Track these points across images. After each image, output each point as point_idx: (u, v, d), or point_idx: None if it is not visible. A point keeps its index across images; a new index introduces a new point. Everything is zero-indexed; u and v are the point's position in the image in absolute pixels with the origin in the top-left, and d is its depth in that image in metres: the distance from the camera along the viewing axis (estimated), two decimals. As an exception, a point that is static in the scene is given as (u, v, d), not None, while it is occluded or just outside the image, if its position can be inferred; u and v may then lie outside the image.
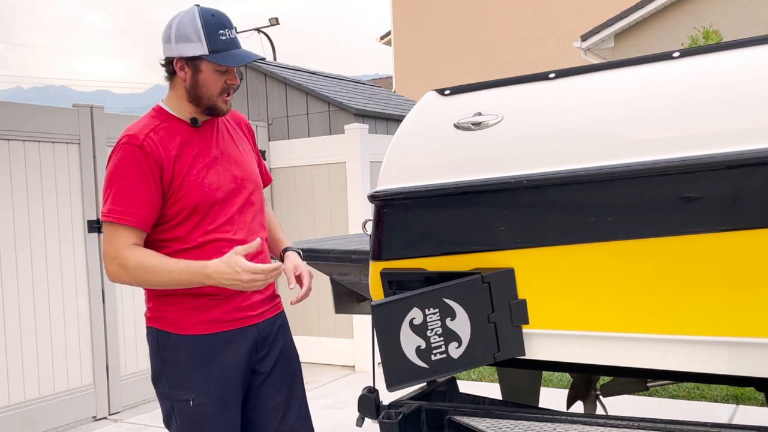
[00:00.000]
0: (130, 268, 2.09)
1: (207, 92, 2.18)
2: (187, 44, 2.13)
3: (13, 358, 4.45)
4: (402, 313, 2.05)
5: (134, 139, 2.13)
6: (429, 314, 2.05)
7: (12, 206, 4.49)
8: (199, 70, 2.16)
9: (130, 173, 2.10)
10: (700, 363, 1.91)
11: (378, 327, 2.07)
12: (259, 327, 2.30)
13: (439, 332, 2.05)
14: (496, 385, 3.11)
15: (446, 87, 2.18)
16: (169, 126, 2.19)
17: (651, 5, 11.17)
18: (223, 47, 2.13)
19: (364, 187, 5.94)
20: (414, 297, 2.07)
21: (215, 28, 2.13)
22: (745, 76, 1.81)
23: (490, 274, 2.05)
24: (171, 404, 2.23)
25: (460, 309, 2.04)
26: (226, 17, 2.17)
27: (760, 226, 1.75)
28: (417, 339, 2.05)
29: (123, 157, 2.12)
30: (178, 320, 2.21)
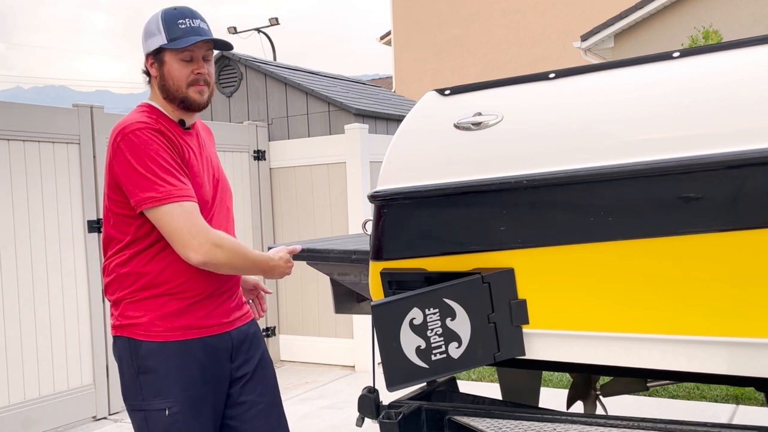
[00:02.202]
0: (227, 247, 2.10)
1: (174, 84, 2.18)
2: (151, 38, 2.17)
3: (13, 358, 4.45)
4: (402, 313, 2.05)
5: (148, 125, 2.10)
6: (429, 314, 2.05)
7: (12, 206, 4.49)
8: (163, 62, 2.17)
9: (164, 152, 2.08)
10: (700, 363, 1.91)
11: (378, 327, 2.07)
12: (233, 335, 2.27)
13: (439, 332, 2.05)
14: (496, 385, 3.11)
15: (446, 87, 2.18)
16: (164, 123, 2.18)
17: (651, 5, 11.17)
18: (180, 35, 2.14)
19: (364, 187, 5.94)
20: (414, 297, 2.07)
21: (174, 18, 2.15)
22: (745, 76, 1.81)
23: (490, 274, 2.05)
24: (144, 416, 2.16)
25: (460, 309, 2.04)
26: (189, 9, 2.19)
27: (760, 226, 1.75)
28: (417, 339, 2.05)
29: (147, 139, 2.06)
30: (149, 327, 2.14)
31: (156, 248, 2.13)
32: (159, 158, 2.06)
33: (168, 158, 2.08)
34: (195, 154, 2.23)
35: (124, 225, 2.14)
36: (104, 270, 2.23)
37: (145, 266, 2.14)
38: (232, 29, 22.75)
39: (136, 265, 2.15)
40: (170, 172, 2.06)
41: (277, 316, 6.49)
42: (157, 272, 2.14)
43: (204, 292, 2.19)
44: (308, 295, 6.27)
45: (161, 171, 2.05)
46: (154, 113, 2.19)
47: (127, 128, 2.09)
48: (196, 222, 2.05)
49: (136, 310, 2.15)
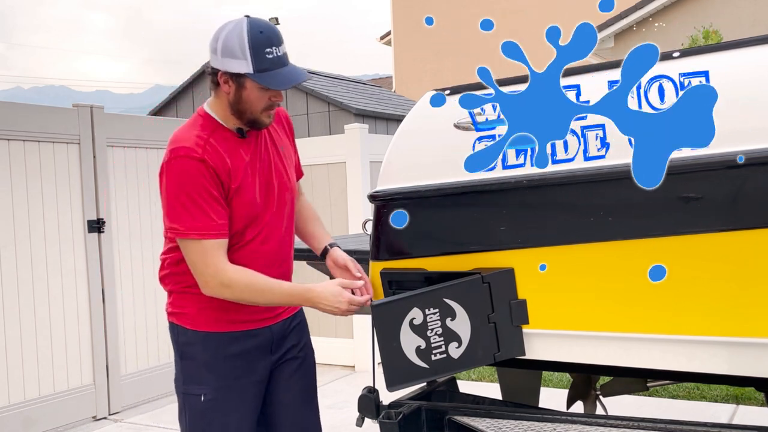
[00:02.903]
0: (236, 288, 2.09)
1: (250, 108, 2.13)
2: (233, 60, 2.06)
3: (13, 358, 4.45)
4: (402, 313, 2.05)
5: (193, 152, 2.07)
6: (429, 314, 2.04)
7: (12, 206, 4.49)
8: (243, 87, 2.09)
9: (199, 186, 2.06)
10: (700, 363, 1.91)
11: (378, 327, 2.07)
12: (274, 329, 2.31)
13: (439, 332, 2.05)
14: (496, 385, 3.11)
15: (446, 87, 2.18)
16: (218, 137, 2.15)
17: (651, 5, 11.17)
18: (268, 66, 2.05)
19: (364, 187, 5.94)
20: (414, 297, 2.06)
21: (262, 46, 2.04)
22: (745, 75, 1.81)
23: (491, 274, 2.05)
24: (183, 399, 2.26)
25: (460, 309, 2.04)
26: (275, 33, 2.09)
27: (760, 226, 1.76)
28: (417, 339, 2.04)
29: (187, 170, 2.06)
30: (195, 317, 2.23)
31: None
32: (193, 191, 2.06)
33: (203, 191, 2.07)
34: (249, 164, 2.18)
35: None
36: (161, 263, 2.31)
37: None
38: (232, 29, 22.73)
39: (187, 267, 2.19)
40: (201, 208, 2.06)
41: (277, 316, 6.49)
42: None
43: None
44: (308, 295, 6.26)
45: (191, 205, 2.06)
46: (208, 128, 2.15)
47: (174, 152, 2.10)
48: (209, 261, 2.08)
49: (185, 301, 2.24)
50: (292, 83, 2.12)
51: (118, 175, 5.09)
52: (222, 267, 2.08)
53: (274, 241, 2.25)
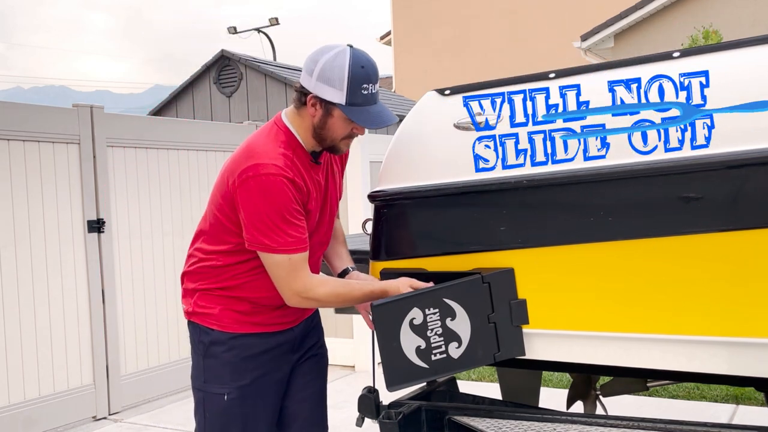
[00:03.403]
0: (322, 300, 2.16)
1: (332, 135, 2.14)
2: (328, 88, 2.06)
3: (13, 358, 4.45)
4: (402, 313, 2.04)
5: (283, 171, 2.07)
6: (429, 314, 2.04)
7: (12, 206, 4.49)
8: (331, 115, 2.10)
9: (290, 204, 2.08)
10: (700, 363, 1.91)
11: (378, 327, 2.07)
12: (296, 330, 2.34)
13: (439, 332, 2.04)
14: (496, 385, 3.11)
15: (446, 87, 2.19)
16: (297, 157, 2.15)
17: (651, 5, 11.17)
18: (361, 102, 2.07)
19: (364, 187, 5.94)
20: (414, 297, 2.06)
21: (360, 82, 2.05)
22: (745, 75, 1.81)
23: (491, 274, 2.04)
24: (203, 396, 2.28)
25: (460, 309, 2.04)
26: (374, 70, 2.10)
27: (760, 226, 1.76)
28: (417, 339, 2.04)
29: (279, 189, 2.06)
30: (220, 317, 2.24)
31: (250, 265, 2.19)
32: (285, 210, 2.07)
33: (292, 209, 2.08)
34: (316, 189, 2.20)
35: (228, 235, 2.19)
36: (190, 259, 2.32)
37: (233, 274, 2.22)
38: (232, 29, 22.75)
39: (224, 270, 2.22)
40: (291, 224, 2.08)
41: (277, 316, 6.49)
42: (242, 282, 2.22)
43: (282, 305, 2.24)
44: (308, 295, 6.26)
45: (282, 223, 2.07)
46: (290, 146, 2.15)
47: (262, 168, 2.07)
48: (297, 275, 2.11)
49: (210, 302, 2.26)
50: (379, 125, 2.12)
51: (118, 175, 5.09)
52: (309, 281, 2.12)
53: (310, 262, 2.23)
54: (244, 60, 7.57)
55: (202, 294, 2.28)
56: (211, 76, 12.98)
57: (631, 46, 11.23)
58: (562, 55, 13.27)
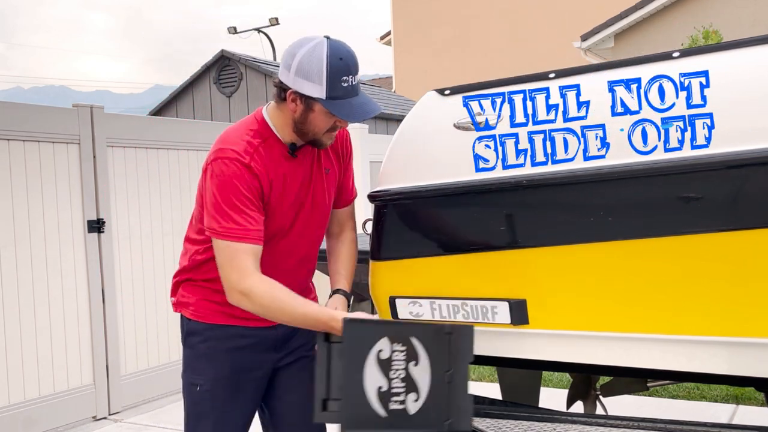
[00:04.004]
0: (255, 300, 2.03)
1: (313, 129, 2.09)
2: (307, 82, 2.01)
3: (13, 358, 4.45)
4: (372, 340, 1.87)
5: (242, 156, 2.05)
6: (396, 350, 1.89)
7: (12, 206, 4.49)
8: (311, 109, 2.05)
9: (241, 188, 2.04)
10: (700, 363, 1.91)
11: (348, 346, 1.87)
12: (279, 329, 2.26)
13: (402, 376, 1.88)
14: (496, 385, 3.11)
15: (446, 87, 2.19)
16: (269, 146, 2.12)
17: (651, 5, 11.17)
18: (341, 95, 2.01)
19: (364, 187, 5.93)
20: (386, 325, 1.98)
21: (339, 75, 1.99)
22: (745, 75, 1.81)
23: (456, 326, 1.96)
24: (183, 385, 2.29)
25: (424, 355, 1.91)
26: (353, 60, 2.04)
27: (760, 226, 1.76)
28: (380, 378, 1.86)
29: (231, 173, 2.05)
30: (199, 308, 2.23)
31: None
32: (233, 194, 2.04)
33: (243, 197, 2.04)
34: (290, 181, 2.15)
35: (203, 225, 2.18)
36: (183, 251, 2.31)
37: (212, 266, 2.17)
38: (232, 29, 22.75)
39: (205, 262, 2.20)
40: (239, 210, 2.04)
41: (277, 316, 6.49)
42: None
43: None
44: (308, 295, 6.27)
45: (229, 207, 2.04)
46: (260, 136, 2.12)
47: (220, 152, 2.08)
48: (236, 264, 2.03)
49: (191, 292, 2.25)
50: (362, 117, 2.07)
51: (118, 175, 5.09)
52: (247, 273, 2.02)
53: (292, 259, 2.22)
54: (244, 60, 7.59)
55: (185, 284, 2.27)
56: (211, 76, 12.98)
57: (631, 46, 11.23)
58: (562, 55, 13.27)
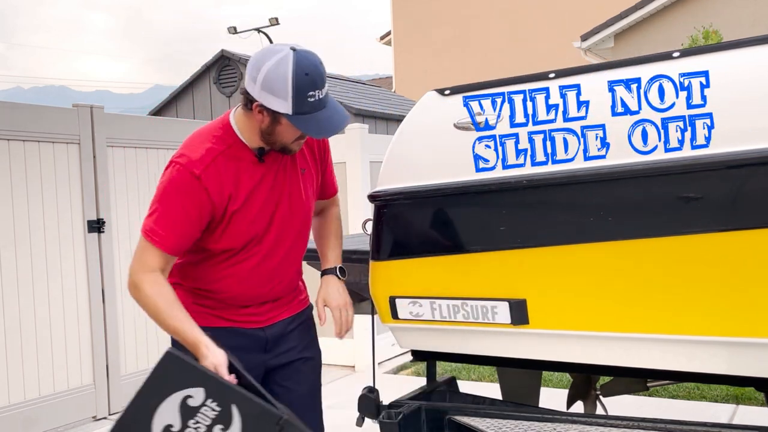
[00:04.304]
0: (141, 295, 2.09)
1: (281, 139, 2.07)
2: (273, 97, 1.97)
3: (13, 358, 4.45)
4: (185, 382, 1.83)
5: (194, 166, 2.04)
6: (207, 406, 1.82)
7: (12, 206, 4.49)
8: (278, 122, 2.02)
9: (181, 199, 2.04)
10: (700, 363, 1.91)
11: (155, 374, 1.84)
12: (267, 331, 2.26)
13: (201, 430, 1.81)
14: (496, 385, 3.11)
15: (446, 87, 2.18)
16: (232, 153, 2.10)
17: (651, 5, 11.17)
18: (308, 110, 1.97)
19: (364, 187, 5.93)
20: (211, 378, 1.86)
21: (305, 90, 1.96)
22: (745, 75, 1.81)
23: (291, 422, 1.87)
24: None
25: (238, 426, 1.83)
26: (320, 74, 1.99)
27: (760, 226, 1.76)
28: (176, 418, 1.81)
29: (178, 180, 2.05)
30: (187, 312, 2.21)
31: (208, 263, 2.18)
32: (172, 203, 2.05)
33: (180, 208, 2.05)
34: (258, 187, 2.14)
35: None
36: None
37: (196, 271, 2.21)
38: (232, 29, 22.74)
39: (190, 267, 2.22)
40: (171, 219, 2.05)
41: (277, 316, 6.49)
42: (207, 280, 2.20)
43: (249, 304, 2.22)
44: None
45: (163, 213, 2.06)
46: (224, 143, 2.10)
47: (178, 157, 2.08)
48: (141, 258, 2.09)
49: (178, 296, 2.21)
50: (330, 133, 2.05)
51: (118, 175, 5.08)
52: (146, 269, 2.07)
53: (272, 262, 2.21)
54: (244, 60, 7.58)
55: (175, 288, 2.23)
56: (211, 76, 12.98)
57: (631, 46, 11.22)
58: (562, 55, 13.27)
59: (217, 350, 1.97)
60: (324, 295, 2.32)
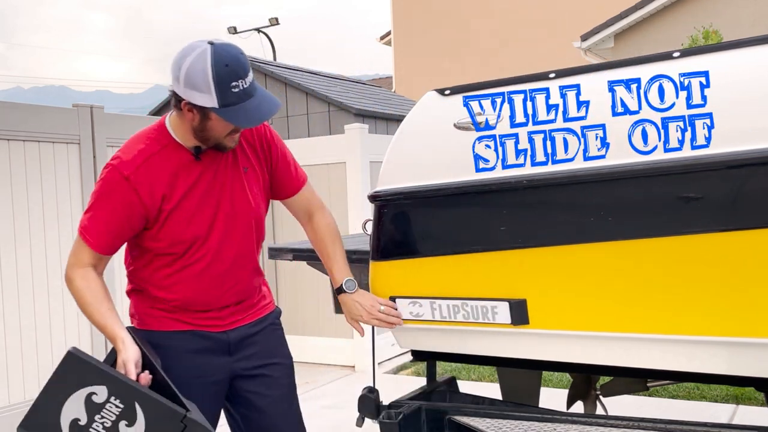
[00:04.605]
0: (72, 288, 2.13)
1: (214, 135, 2.08)
2: (197, 93, 1.97)
3: (13, 358, 4.45)
4: (90, 380, 1.89)
5: (125, 167, 2.07)
6: (111, 403, 1.88)
7: (12, 206, 4.49)
8: (208, 118, 2.02)
9: (111, 200, 2.08)
10: (700, 363, 1.91)
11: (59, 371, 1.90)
12: (230, 334, 2.24)
13: (107, 425, 1.88)
14: (496, 385, 3.11)
15: (446, 87, 2.18)
16: (167, 154, 2.11)
17: (651, 5, 11.17)
18: (234, 101, 1.97)
19: (364, 187, 5.93)
20: (112, 377, 1.90)
21: (228, 81, 1.95)
22: (745, 75, 1.81)
23: (194, 421, 1.91)
24: None
25: (141, 423, 1.89)
26: (241, 64, 1.99)
27: (760, 226, 1.76)
28: (82, 413, 1.88)
29: (109, 181, 2.09)
30: (144, 317, 2.24)
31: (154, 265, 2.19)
32: (102, 202, 2.09)
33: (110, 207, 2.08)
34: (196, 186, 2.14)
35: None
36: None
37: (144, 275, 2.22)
38: (232, 29, 22.76)
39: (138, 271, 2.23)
40: (101, 217, 2.09)
41: (277, 316, 6.49)
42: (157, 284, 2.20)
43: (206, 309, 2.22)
44: (307, 295, 6.27)
45: (95, 211, 2.10)
46: (158, 144, 2.12)
47: (113, 159, 2.11)
48: (76, 253, 2.13)
49: (136, 301, 2.28)
50: (259, 121, 2.06)
51: (118, 175, 5.09)
52: (79, 265, 2.11)
53: (222, 264, 2.19)
54: (244, 60, 7.62)
55: (132, 295, 2.28)
56: (211, 76, 12.94)
57: (631, 46, 11.22)
58: (562, 55, 13.28)
59: (131, 347, 2.01)
60: (348, 316, 2.35)
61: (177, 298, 2.18)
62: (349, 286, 2.31)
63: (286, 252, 2.98)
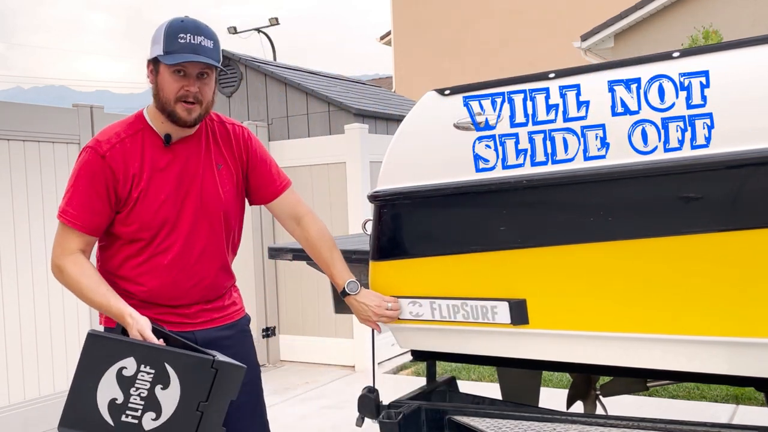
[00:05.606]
0: (66, 277, 2.16)
1: (164, 95, 2.15)
2: (153, 46, 2.15)
3: (13, 358, 4.45)
4: (115, 356, 1.91)
5: (99, 146, 2.15)
6: (143, 371, 1.90)
7: (12, 206, 4.49)
8: (158, 72, 2.14)
9: (89, 179, 2.13)
10: (700, 363, 1.91)
11: (84, 357, 1.92)
12: (197, 335, 2.25)
13: (143, 394, 1.90)
14: (496, 385, 3.11)
15: (446, 87, 2.18)
16: (140, 138, 2.19)
17: (651, 5, 11.17)
18: (177, 49, 2.10)
19: (364, 187, 5.93)
20: (136, 346, 1.93)
21: (176, 31, 2.11)
22: (745, 75, 1.81)
23: (224, 362, 1.94)
24: None
25: (176, 381, 1.91)
26: (195, 24, 2.14)
27: (760, 226, 1.76)
28: (117, 391, 1.90)
29: (85, 161, 2.15)
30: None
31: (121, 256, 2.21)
32: (81, 182, 2.14)
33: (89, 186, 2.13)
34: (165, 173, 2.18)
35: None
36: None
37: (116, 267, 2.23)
38: (232, 29, 22.76)
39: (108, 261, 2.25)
40: (82, 197, 2.13)
41: (277, 316, 6.49)
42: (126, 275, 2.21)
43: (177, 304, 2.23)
44: (308, 295, 6.27)
45: (74, 192, 2.15)
46: (133, 128, 2.20)
47: (91, 141, 2.19)
48: (61, 242, 2.18)
49: None
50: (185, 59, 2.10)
51: (118, 175, 5.09)
52: (67, 252, 2.15)
53: (190, 256, 2.22)
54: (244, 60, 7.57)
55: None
56: (211, 76, 12.92)
57: (631, 46, 11.22)
58: (562, 55, 13.28)
59: (141, 318, 2.04)
60: (358, 317, 2.36)
61: (145, 289, 2.20)
62: (352, 288, 2.31)
63: (286, 252, 2.98)
